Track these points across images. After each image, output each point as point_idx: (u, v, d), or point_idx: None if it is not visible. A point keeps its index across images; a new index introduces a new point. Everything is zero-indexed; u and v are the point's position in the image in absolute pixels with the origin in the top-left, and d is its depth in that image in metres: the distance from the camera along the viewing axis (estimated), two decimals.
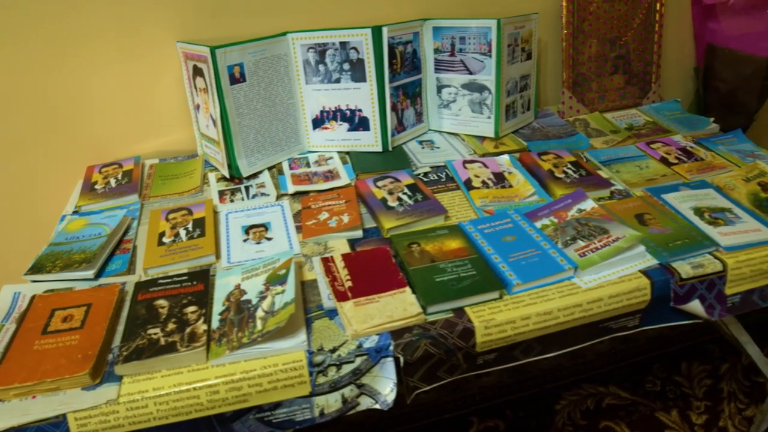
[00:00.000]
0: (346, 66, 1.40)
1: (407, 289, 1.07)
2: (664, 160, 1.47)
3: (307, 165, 1.44)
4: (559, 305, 1.05)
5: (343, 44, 1.39)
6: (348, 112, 1.45)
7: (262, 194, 1.34)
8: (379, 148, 1.47)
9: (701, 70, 1.84)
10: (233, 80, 1.32)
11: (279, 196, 1.34)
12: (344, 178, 1.38)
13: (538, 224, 1.22)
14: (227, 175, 1.39)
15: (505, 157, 1.45)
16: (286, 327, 0.98)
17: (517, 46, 1.51)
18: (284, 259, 1.12)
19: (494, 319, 1.02)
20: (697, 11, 1.80)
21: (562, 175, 1.37)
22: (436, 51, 1.52)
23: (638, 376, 1.78)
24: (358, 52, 1.39)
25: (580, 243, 1.16)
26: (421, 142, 1.55)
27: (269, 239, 1.21)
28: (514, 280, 1.07)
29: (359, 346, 0.98)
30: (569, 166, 1.41)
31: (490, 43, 1.45)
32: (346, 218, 1.24)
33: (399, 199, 1.28)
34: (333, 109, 1.45)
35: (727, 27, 1.72)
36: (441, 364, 1.04)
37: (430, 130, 1.62)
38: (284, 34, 1.39)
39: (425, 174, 1.41)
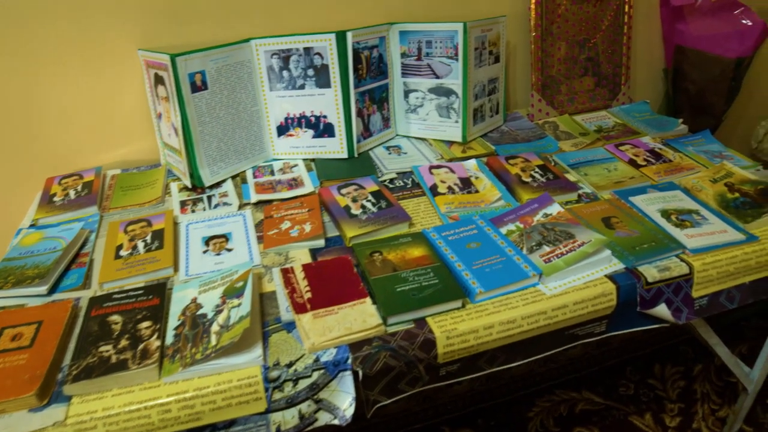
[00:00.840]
0: (311, 72, 1.36)
1: (368, 299, 1.03)
2: (632, 162, 1.44)
3: (272, 173, 1.39)
4: (522, 313, 1.01)
5: (307, 50, 1.34)
6: (313, 119, 1.40)
7: (225, 204, 1.29)
8: (345, 155, 1.43)
9: (670, 71, 1.81)
10: (195, 88, 1.27)
11: (241, 206, 1.29)
12: (308, 186, 1.33)
13: (504, 230, 1.18)
14: (189, 185, 1.34)
15: (473, 161, 1.41)
16: (240, 342, 0.94)
17: (484, 50, 1.47)
18: (242, 270, 1.08)
19: (456, 329, 0.98)
20: (665, 13, 1.77)
21: (529, 179, 1.34)
22: (403, 55, 1.47)
23: (612, 380, 1.74)
24: (322, 58, 1.34)
25: (546, 248, 1.12)
26: (388, 148, 1.50)
27: (229, 250, 1.17)
28: (477, 288, 1.03)
29: (316, 360, 0.94)
30: (537, 169, 1.38)
31: (457, 47, 1.41)
32: (308, 227, 1.20)
33: (363, 206, 1.24)
34: (297, 115, 1.41)
35: (695, 28, 1.69)
36: (402, 376, 1.00)
37: (397, 135, 1.57)
38: (247, 40, 1.35)
39: (391, 180, 1.37)
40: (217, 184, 1.36)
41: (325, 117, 1.40)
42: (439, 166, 1.39)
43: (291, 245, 1.17)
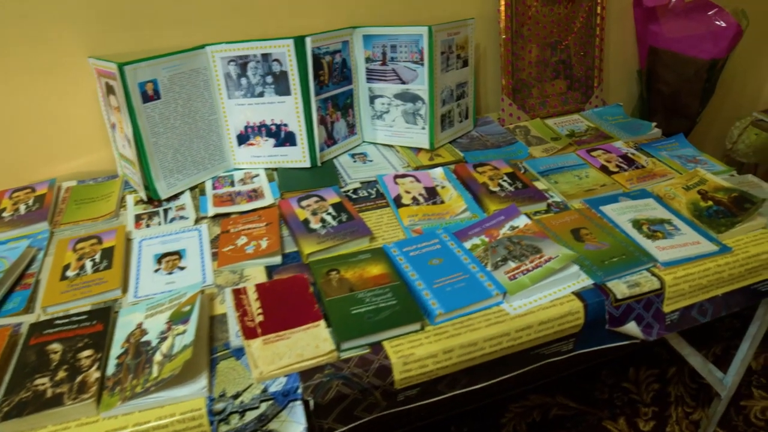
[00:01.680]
0: (269, 79, 1.27)
1: (322, 322, 0.95)
2: (604, 169, 1.36)
3: (232, 184, 1.30)
4: (485, 335, 0.94)
5: (265, 56, 1.25)
6: (273, 127, 1.32)
7: (181, 218, 1.20)
8: (308, 164, 1.34)
9: (644, 72, 1.73)
10: (146, 98, 1.18)
11: (198, 220, 1.21)
12: (268, 198, 1.25)
13: (468, 244, 1.10)
14: (145, 198, 1.25)
15: (439, 170, 1.33)
16: (184, 372, 0.86)
17: (451, 53, 1.39)
18: (191, 293, 0.99)
19: (414, 354, 0.91)
20: (638, 14, 1.69)
21: (497, 189, 1.26)
22: (368, 60, 1.39)
23: (586, 384, 1.68)
24: (281, 65, 1.26)
25: (511, 264, 1.04)
26: (353, 156, 1.42)
27: (182, 269, 1.08)
28: (436, 310, 0.95)
29: (264, 390, 0.86)
30: (505, 178, 1.30)
31: (422, 51, 1.33)
32: (264, 243, 1.11)
33: (322, 220, 1.16)
34: (258, 124, 1.32)
35: (668, 30, 1.61)
36: (357, 403, 0.92)
37: (364, 142, 1.49)
38: (202, 46, 1.25)
39: (355, 191, 1.29)
40: (175, 197, 1.27)
41: (285, 125, 1.31)
42: (404, 176, 1.31)
43: (246, 263, 1.08)
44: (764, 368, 1.70)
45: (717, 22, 1.54)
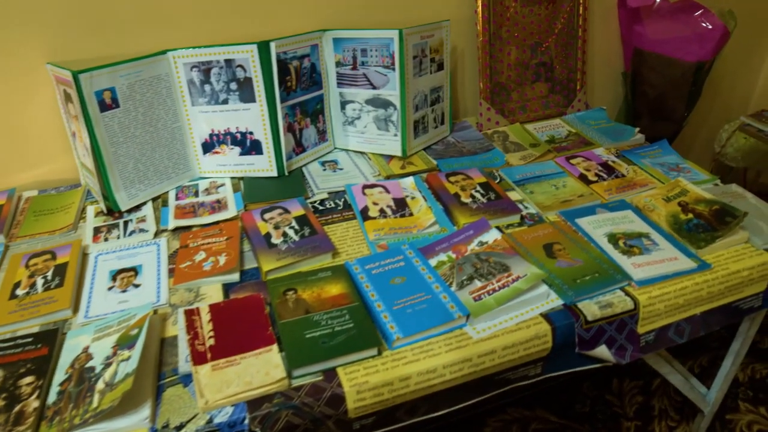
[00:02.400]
0: (233, 85, 1.21)
1: (275, 347, 0.89)
2: (583, 178, 1.30)
3: (196, 194, 1.24)
4: (444, 361, 0.88)
5: (229, 62, 1.19)
6: (238, 135, 1.25)
7: (141, 230, 1.15)
8: (275, 173, 1.28)
9: (629, 75, 1.66)
10: (104, 107, 1.12)
11: (158, 233, 1.15)
12: (231, 210, 1.19)
13: (434, 261, 1.04)
14: (105, 210, 1.19)
15: (410, 179, 1.27)
16: (126, 401, 0.80)
17: (425, 57, 1.32)
18: (141, 314, 0.94)
19: (368, 381, 0.85)
20: (623, 14, 1.61)
21: (468, 200, 1.19)
22: (338, 64, 1.32)
23: (567, 397, 1.61)
24: (244, 71, 1.19)
25: (477, 284, 0.98)
26: (324, 163, 1.36)
27: (137, 286, 1.03)
28: (394, 334, 0.90)
29: (210, 421, 0.81)
30: (478, 188, 1.23)
31: (393, 56, 1.26)
32: (222, 259, 1.05)
33: (284, 234, 1.10)
34: (223, 132, 1.26)
35: (653, 31, 1.54)
36: None
37: (336, 148, 1.42)
38: (164, 52, 1.19)
39: (322, 201, 1.23)
40: (137, 208, 1.21)
41: (251, 133, 1.25)
42: (373, 186, 1.24)
43: (202, 280, 1.03)
44: (751, 380, 1.64)
45: (703, 24, 1.47)
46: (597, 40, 1.63)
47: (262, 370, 0.86)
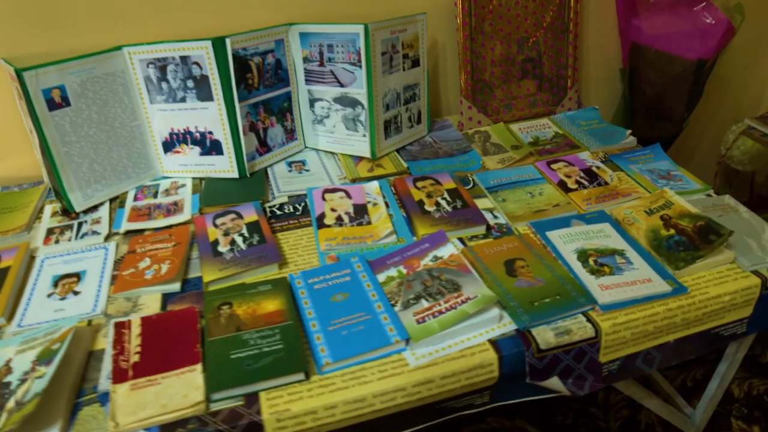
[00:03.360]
0: (190, 83, 1.13)
1: (199, 366, 0.83)
2: (562, 185, 1.18)
3: (155, 195, 1.18)
4: (375, 390, 0.80)
5: (184, 59, 1.11)
6: (198, 135, 1.18)
7: (94, 233, 1.09)
8: (236, 174, 1.20)
9: (626, 71, 1.51)
10: (53, 105, 1.06)
11: (109, 236, 1.09)
12: (187, 213, 1.12)
13: (383, 276, 0.96)
14: (60, 210, 1.14)
15: (375, 184, 1.17)
16: (35, 421, 0.75)
17: (396, 53, 1.21)
18: (66, 327, 0.88)
19: (290, 409, 0.78)
20: (621, 6, 1.47)
21: (432, 208, 1.10)
22: (305, 60, 1.23)
23: (550, 408, 1.51)
24: (200, 68, 1.11)
25: (424, 304, 0.89)
26: (291, 164, 1.27)
27: (77, 293, 0.97)
28: (324, 358, 0.82)
29: None
30: (445, 195, 1.13)
31: (360, 52, 1.16)
32: (165, 268, 0.99)
33: (232, 242, 1.02)
34: (182, 131, 1.19)
35: (652, 25, 1.39)
36: None
37: (306, 147, 1.34)
38: (119, 48, 1.12)
39: (281, 206, 1.15)
40: (95, 208, 1.15)
41: (210, 133, 1.17)
42: (334, 190, 1.15)
43: (142, 289, 0.96)
44: (747, 397, 1.50)
45: (705, 19, 1.31)
46: (592, 33, 1.48)
47: (181, 391, 0.80)
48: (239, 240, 1.03)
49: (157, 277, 0.98)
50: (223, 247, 1.02)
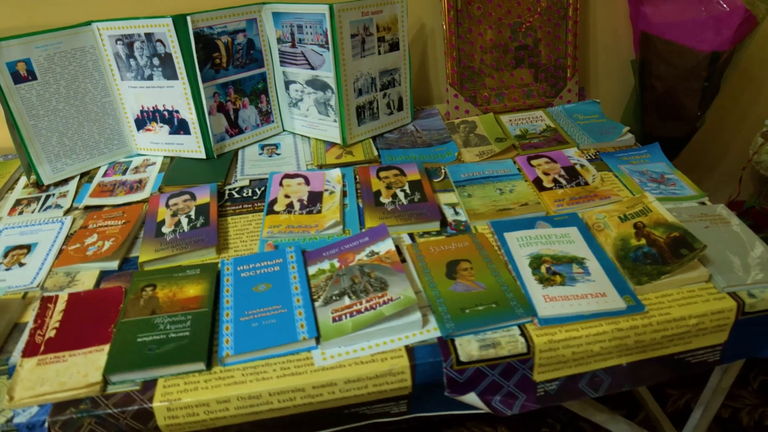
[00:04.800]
0: (156, 61, 1.11)
1: (107, 347, 0.81)
2: (537, 183, 1.07)
3: (124, 172, 1.18)
4: (273, 388, 0.75)
5: (149, 36, 1.09)
6: (166, 114, 1.16)
7: (57, 206, 1.10)
8: (203, 155, 1.18)
9: (637, 63, 1.35)
10: (19, 78, 1.06)
11: (69, 210, 1.09)
12: (147, 192, 1.11)
13: (314, 269, 0.90)
14: (30, 182, 1.16)
15: (337, 171, 1.11)
16: None
17: (369, 36, 1.14)
18: None
19: (181, 399, 0.74)
20: None
21: (388, 200, 1.02)
22: (279, 41, 1.18)
23: (537, 417, 1.40)
24: (164, 46, 1.09)
25: (346, 301, 0.83)
26: (263, 147, 1.23)
27: (22, 265, 0.98)
28: (226, 349, 0.78)
29: (9, 420, 0.74)
30: (406, 187, 1.06)
31: (327, 33, 1.09)
32: (107, 245, 0.98)
33: (177, 223, 1.00)
34: (151, 109, 1.17)
35: (662, 12, 1.23)
36: None
37: (285, 131, 1.29)
38: (88, 23, 1.11)
39: (240, 189, 1.11)
40: (66, 182, 1.17)
41: (177, 112, 1.15)
42: (294, 176, 1.10)
43: (82, 265, 0.96)
44: (757, 427, 1.33)
45: (720, 6, 1.14)
46: (600, 20, 1.33)
47: (82, 371, 0.78)
48: (184, 222, 1.00)
49: (98, 253, 0.97)
50: (166, 228, 0.99)
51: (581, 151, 1.15)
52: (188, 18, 1.06)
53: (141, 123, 1.20)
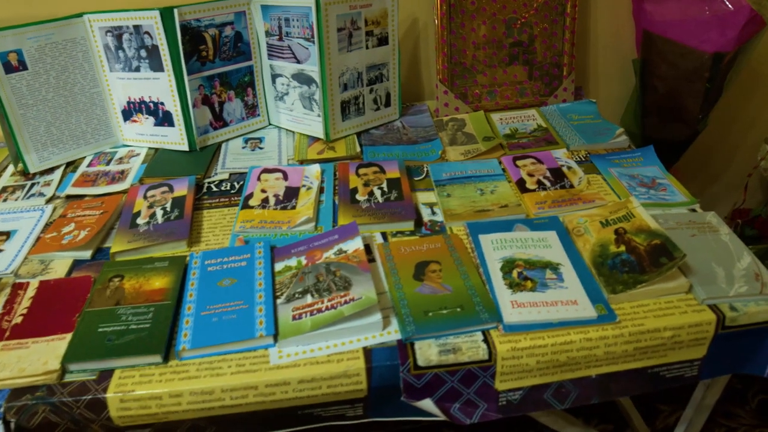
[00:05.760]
0: (143, 53, 1.11)
1: (69, 336, 0.82)
2: (520, 184, 1.05)
3: (108, 163, 1.19)
4: (225, 384, 0.75)
5: (137, 28, 1.10)
6: (152, 105, 1.17)
7: (40, 194, 1.12)
8: (186, 147, 1.18)
9: (638, 62, 1.30)
10: (10, 68, 1.08)
11: (51, 199, 1.11)
12: (127, 183, 1.12)
13: (281, 265, 0.89)
14: (16, 169, 1.18)
15: (317, 167, 1.10)
16: None
17: (356, 30, 1.12)
18: None
19: (134, 391, 0.74)
20: None
21: (363, 198, 1.01)
22: (267, 34, 1.17)
23: (520, 430, 1.37)
24: (151, 38, 1.09)
25: (308, 300, 0.82)
26: (247, 141, 1.23)
27: (0, 251, 1.00)
28: (183, 343, 0.78)
29: None
30: (384, 185, 1.04)
31: (313, 27, 1.08)
32: (82, 234, 0.99)
33: (152, 215, 1.00)
34: (138, 100, 1.18)
35: (663, 10, 1.18)
36: None
37: (271, 124, 1.29)
38: (80, 15, 1.13)
39: (219, 183, 1.11)
40: (51, 171, 1.19)
41: (162, 104, 1.16)
42: (273, 170, 1.10)
43: (57, 253, 0.97)
44: None
45: (724, 6, 1.08)
46: (601, 17, 1.29)
47: (43, 358, 0.79)
48: (159, 214, 1.01)
49: (72, 242, 0.98)
50: (141, 219, 1.00)
51: (570, 153, 1.12)
52: (175, 11, 1.06)
53: (128, 114, 1.21)
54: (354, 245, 0.90)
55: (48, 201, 1.11)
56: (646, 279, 0.82)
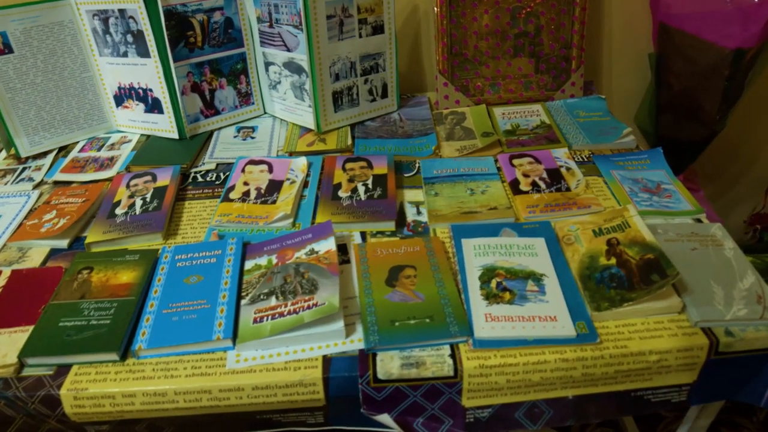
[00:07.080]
0: (129, 38, 1.09)
1: (31, 328, 0.81)
2: (514, 185, 0.99)
3: (99, 148, 1.18)
4: (179, 387, 0.72)
5: (122, 12, 1.07)
6: (141, 92, 1.15)
7: (29, 179, 1.12)
8: (176, 135, 1.16)
9: (654, 57, 1.21)
10: None
11: (39, 184, 1.11)
12: (114, 170, 1.10)
13: (252, 263, 0.86)
14: (7, 153, 1.18)
15: (303, 160, 1.06)
16: None
17: (348, 17, 1.07)
18: None
19: (87, 389, 0.73)
20: None
21: (345, 195, 0.97)
22: (259, 20, 1.13)
23: None
24: (137, 23, 1.07)
25: (272, 302, 0.79)
26: (240, 129, 1.20)
27: None
28: (140, 342, 0.76)
29: None
30: (369, 181, 1.00)
31: (301, 14, 1.04)
32: (61, 222, 0.98)
33: (131, 206, 0.99)
34: (128, 86, 1.16)
35: (682, 2, 1.08)
36: (33, 428, 0.78)
37: (266, 113, 1.25)
38: None
39: (206, 173, 1.08)
40: (44, 155, 1.18)
41: (150, 90, 1.13)
42: (258, 162, 1.06)
43: (34, 242, 0.97)
44: None
45: None
46: (616, 9, 1.20)
47: (3, 350, 0.78)
48: (138, 204, 0.99)
49: (51, 231, 0.97)
50: (120, 209, 0.98)
51: (572, 152, 1.05)
52: None
53: (119, 100, 1.19)
54: (326, 246, 0.86)
55: (36, 186, 1.10)
56: (634, 297, 0.75)
